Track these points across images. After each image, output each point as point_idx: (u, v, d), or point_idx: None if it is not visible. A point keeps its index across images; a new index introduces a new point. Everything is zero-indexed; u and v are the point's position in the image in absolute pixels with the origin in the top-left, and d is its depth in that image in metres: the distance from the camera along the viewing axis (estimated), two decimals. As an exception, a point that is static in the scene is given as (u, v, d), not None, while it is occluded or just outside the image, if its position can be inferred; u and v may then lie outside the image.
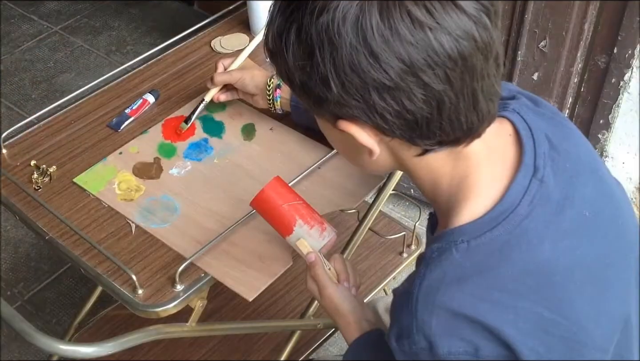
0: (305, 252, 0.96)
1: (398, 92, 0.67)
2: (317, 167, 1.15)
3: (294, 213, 0.96)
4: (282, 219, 0.96)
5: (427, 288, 0.73)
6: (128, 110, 1.26)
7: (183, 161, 1.18)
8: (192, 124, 1.24)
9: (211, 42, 1.41)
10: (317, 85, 0.69)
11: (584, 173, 0.80)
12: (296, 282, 1.56)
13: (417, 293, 0.73)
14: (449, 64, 0.66)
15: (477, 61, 0.67)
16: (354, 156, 0.80)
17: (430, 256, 0.75)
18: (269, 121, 1.25)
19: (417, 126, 0.70)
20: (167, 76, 1.35)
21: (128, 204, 1.11)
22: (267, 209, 0.97)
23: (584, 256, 0.75)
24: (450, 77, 0.67)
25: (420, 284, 0.73)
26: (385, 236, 1.61)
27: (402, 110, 0.68)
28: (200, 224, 1.08)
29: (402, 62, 0.65)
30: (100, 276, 1.02)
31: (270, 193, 0.96)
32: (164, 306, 0.99)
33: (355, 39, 0.65)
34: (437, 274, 0.73)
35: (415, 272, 0.78)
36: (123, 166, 1.17)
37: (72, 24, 2.81)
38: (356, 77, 0.67)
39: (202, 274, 1.02)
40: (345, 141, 0.76)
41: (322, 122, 0.78)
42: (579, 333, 0.73)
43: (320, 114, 0.75)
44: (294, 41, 0.69)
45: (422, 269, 0.75)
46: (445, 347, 0.72)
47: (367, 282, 1.57)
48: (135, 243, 1.06)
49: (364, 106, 0.69)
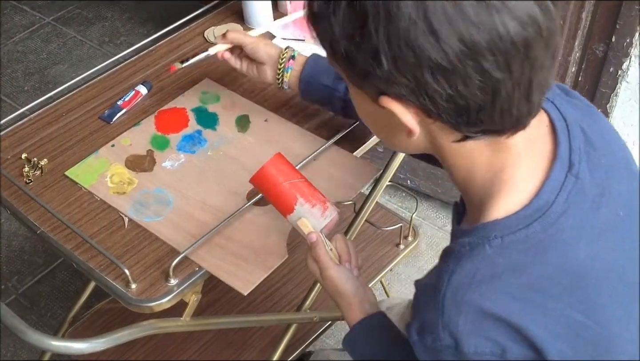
0: (307, 232, 0.94)
1: (454, 75, 0.63)
2: (312, 159, 1.14)
3: (295, 191, 0.93)
4: (283, 197, 0.93)
5: (457, 284, 0.70)
6: (120, 102, 1.24)
7: (176, 154, 1.16)
8: (185, 116, 1.22)
9: (204, 32, 1.39)
10: (365, 57, 0.65)
11: (618, 169, 0.77)
12: (292, 274, 1.54)
13: (445, 288, 0.70)
14: (512, 51, 0.62)
15: (538, 50, 0.63)
16: (388, 134, 0.77)
17: (460, 251, 0.71)
18: (263, 112, 1.23)
19: (467, 112, 0.66)
20: (159, 67, 1.32)
21: (121, 197, 1.10)
22: (267, 186, 0.93)
23: (617, 259, 0.73)
24: (511, 65, 0.63)
25: (449, 279, 0.70)
26: (382, 228, 1.60)
27: (454, 94, 0.64)
28: (194, 218, 1.07)
29: (462, 43, 0.61)
30: (93, 271, 1.01)
31: (270, 169, 0.93)
32: (157, 300, 0.97)
33: (415, 13, 0.61)
34: (467, 270, 0.70)
35: (441, 265, 0.74)
36: (115, 158, 1.16)
37: (65, 15, 2.78)
38: (411, 54, 0.62)
39: (196, 268, 1.00)
40: (382, 117, 0.72)
41: (359, 95, 0.73)
42: (608, 338, 0.71)
43: (360, 87, 0.71)
44: (345, 7, 0.64)
45: (450, 263, 0.71)
46: (472, 346, 0.69)
47: (363, 274, 1.55)
48: (128, 236, 1.05)
49: (414, 85, 0.64)
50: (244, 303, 1.49)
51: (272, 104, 1.24)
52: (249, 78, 1.29)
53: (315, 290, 1.31)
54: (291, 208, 0.93)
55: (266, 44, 1.14)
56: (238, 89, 1.27)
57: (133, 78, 1.30)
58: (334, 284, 0.94)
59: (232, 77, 1.29)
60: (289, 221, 0.95)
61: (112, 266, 1.00)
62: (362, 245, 1.61)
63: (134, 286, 0.98)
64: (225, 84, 1.28)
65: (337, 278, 0.94)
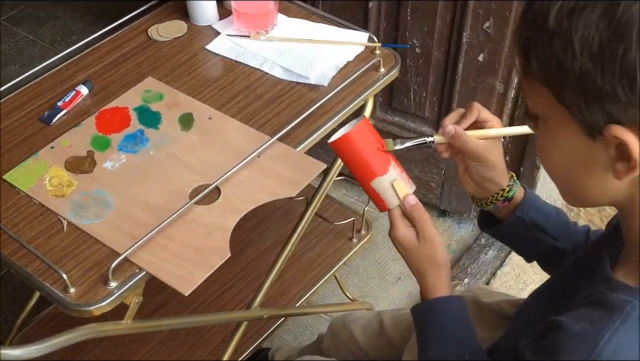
0: (402, 194, 0.89)
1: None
2: (256, 156, 1.13)
3: (388, 154, 0.89)
4: (378, 156, 0.88)
5: (618, 346, 0.64)
6: (60, 102, 1.22)
7: (118, 154, 1.15)
8: (127, 115, 1.20)
9: (148, 30, 1.37)
10: (611, 77, 0.57)
11: None
12: (244, 273, 1.54)
13: (602, 345, 0.64)
14: None
15: None
16: (584, 176, 0.67)
17: (629, 313, 0.65)
18: (207, 110, 1.22)
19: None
20: (102, 66, 1.30)
21: (60, 200, 1.08)
22: (359, 146, 0.88)
23: None
24: None
25: (610, 338, 0.64)
26: (334, 223, 1.60)
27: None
28: (135, 219, 1.05)
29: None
30: (31, 276, 0.99)
31: (364, 128, 0.88)
32: (97, 304, 0.96)
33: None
34: (634, 335, 0.64)
35: (599, 317, 0.66)
36: (55, 160, 1.14)
37: (16, 15, 2.72)
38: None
39: (137, 270, 0.99)
40: (584, 158, 0.65)
41: (566, 130, 0.64)
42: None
43: (579, 115, 0.62)
44: (596, 20, 0.57)
45: (616, 319, 0.65)
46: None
47: (317, 269, 1.56)
48: (67, 240, 1.03)
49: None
50: (196, 303, 1.48)
51: (216, 102, 1.23)
52: (193, 76, 1.28)
53: (265, 288, 1.31)
54: (385, 169, 0.89)
55: (495, 166, 0.92)
56: (181, 87, 1.26)
57: (74, 78, 1.28)
58: (434, 250, 0.88)
59: (175, 75, 1.28)
60: (377, 183, 0.89)
61: (50, 270, 0.98)
62: (315, 240, 1.61)
63: (72, 291, 0.96)
64: (169, 82, 1.27)
65: (439, 244, 0.88)
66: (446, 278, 0.89)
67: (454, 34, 1.60)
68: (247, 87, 1.26)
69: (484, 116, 0.91)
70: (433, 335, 0.87)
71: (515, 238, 1.00)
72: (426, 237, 0.88)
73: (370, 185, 0.90)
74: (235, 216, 1.05)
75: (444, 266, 0.89)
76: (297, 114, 1.19)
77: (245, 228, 1.62)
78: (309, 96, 1.24)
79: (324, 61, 1.27)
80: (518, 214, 0.95)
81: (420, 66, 1.69)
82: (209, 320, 1.34)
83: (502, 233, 0.99)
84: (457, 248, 1.93)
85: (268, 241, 1.61)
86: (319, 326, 1.76)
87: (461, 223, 1.98)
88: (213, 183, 1.08)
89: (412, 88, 1.74)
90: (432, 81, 1.70)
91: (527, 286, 1.80)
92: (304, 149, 1.16)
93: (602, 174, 0.65)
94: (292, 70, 1.26)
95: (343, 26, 1.36)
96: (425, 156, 1.84)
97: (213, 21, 1.38)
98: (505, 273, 1.82)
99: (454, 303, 0.89)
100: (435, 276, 0.89)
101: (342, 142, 0.89)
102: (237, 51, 1.31)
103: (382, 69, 1.27)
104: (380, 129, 1.85)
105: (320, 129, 1.19)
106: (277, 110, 1.21)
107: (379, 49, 1.30)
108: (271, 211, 1.65)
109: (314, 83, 1.25)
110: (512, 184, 0.95)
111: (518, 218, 0.95)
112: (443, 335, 0.87)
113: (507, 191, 0.94)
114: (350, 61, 1.29)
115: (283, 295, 1.51)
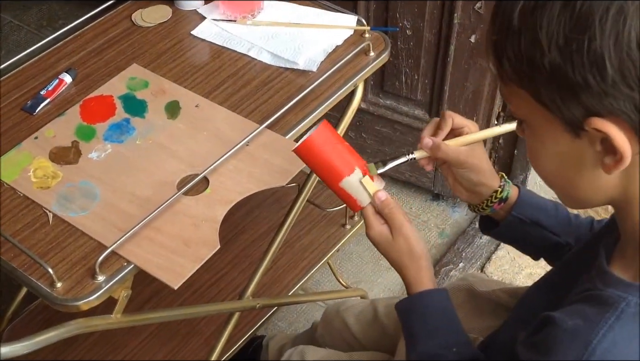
0: (373, 190, 0.88)
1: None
2: (245, 145, 1.11)
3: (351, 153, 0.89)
4: (344, 156, 0.88)
5: (611, 343, 0.63)
6: (43, 91, 1.19)
7: (103, 144, 1.12)
8: (112, 103, 1.18)
9: (132, 15, 1.34)
10: (581, 68, 0.57)
11: None
12: (237, 261, 1.52)
13: (595, 344, 0.63)
14: None
15: None
16: (570, 175, 0.66)
17: (624, 309, 0.63)
18: (194, 97, 1.19)
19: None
20: (85, 53, 1.27)
21: (44, 192, 1.05)
22: (325, 148, 0.87)
23: None
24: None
25: (603, 335, 0.63)
26: (326, 209, 1.58)
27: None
28: (122, 211, 1.03)
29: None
30: (16, 271, 0.97)
31: (327, 131, 0.88)
32: (84, 299, 0.94)
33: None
34: (627, 332, 0.63)
35: (593, 313, 0.65)
36: (39, 151, 1.11)
37: None
38: None
39: (124, 263, 0.97)
40: (570, 157, 0.64)
41: (549, 130, 0.64)
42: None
43: (558, 112, 0.62)
44: (559, 12, 0.57)
45: (609, 316, 0.63)
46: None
47: (310, 256, 1.55)
48: (53, 233, 1.01)
49: (638, 95, 0.57)
50: (188, 292, 1.46)
51: (202, 89, 1.20)
52: (179, 62, 1.25)
53: (257, 277, 1.29)
54: (352, 168, 0.88)
55: (481, 170, 0.92)
56: (167, 74, 1.23)
57: (57, 66, 1.25)
58: (408, 244, 0.87)
59: (161, 62, 1.25)
60: (346, 183, 0.88)
61: (36, 265, 0.96)
62: (308, 227, 1.59)
63: (59, 285, 0.94)
64: (154, 69, 1.24)
65: (413, 237, 0.87)
66: (427, 270, 0.88)
67: (445, 15, 1.57)
68: (234, 73, 1.23)
69: (459, 122, 0.90)
70: (418, 328, 0.86)
71: (517, 238, 0.99)
72: (399, 232, 0.87)
73: (340, 186, 0.89)
74: (224, 207, 1.03)
75: (421, 258, 0.87)
76: (286, 101, 1.16)
77: (237, 215, 1.60)
78: (297, 82, 1.21)
79: (313, 45, 1.24)
80: (515, 213, 0.94)
81: (411, 48, 1.66)
82: (201, 312, 1.32)
83: (502, 234, 0.98)
84: (452, 232, 1.91)
85: (260, 229, 1.59)
86: (313, 313, 1.75)
87: (455, 207, 1.96)
88: (201, 172, 1.06)
89: (404, 71, 1.71)
90: (423, 63, 1.68)
91: (522, 270, 1.79)
92: (293, 136, 1.14)
93: (592, 171, 0.64)
94: (280, 55, 1.23)
95: (331, 9, 1.33)
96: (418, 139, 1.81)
97: (198, 5, 1.34)
98: (500, 257, 1.81)
99: (436, 296, 0.87)
100: (415, 269, 0.87)
101: (304, 147, 0.88)
102: (223, 37, 1.29)
103: (372, 53, 1.25)
104: (372, 113, 1.83)
105: (310, 115, 1.16)
106: (265, 97, 1.19)
107: (368, 33, 1.27)
108: (263, 198, 1.63)
109: (302, 68, 1.22)
110: (504, 184, 0.93)
111: (515, 217, 0.94)
112: (428, 328, 0.86)
113: (500, 192, 0.93)
114: (339, 45, 1.26)
115: (276, 283, 1.49)
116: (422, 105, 1.77)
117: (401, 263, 0.88)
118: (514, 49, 0.61)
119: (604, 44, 0.56)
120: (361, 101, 1.31)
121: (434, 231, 1.92)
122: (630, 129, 0.59)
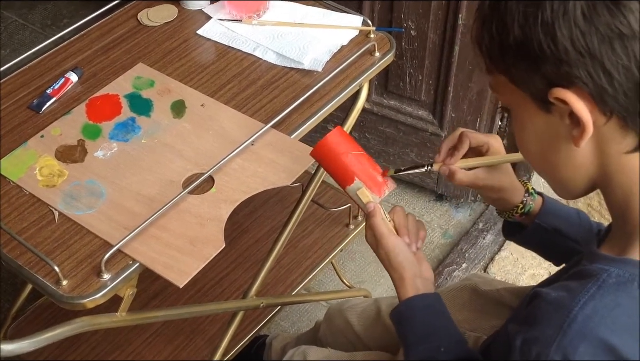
0: (365, 201, 0.92)
1: (634, 42, 0.60)
2: (250, 144, 1.11)
3: (356, 162, 0.93)
4: (343, 168, 0.92)
5: (591, 312, 0.65)
6: (50, 90, 1.20)
7: (109, 143, 1.12)
8: (118, 102, 1.18)
9: (138, 14, 1.34)
10: (538, 39, 0.63)
11: None
12: (241, 260, 1.52)
13: (577, 311, 0.65)
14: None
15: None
16: (549, 155, 0.70)
17: (605, 280, 0.66)
18: (199, 96, 1.19)
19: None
20: (91, 52, 1.28)
21: (50, 190, 1.06)
22: (329, 157, 0.93)
23: None
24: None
25: (585, 304, 0.65)
26: (330, 209, 1.59)
27: (631, 66, 0.61)
28: (127, 209, 1.03)
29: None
30: (22, 268, 0.97)
31: (332, 140, 0.93)
32: (90, 297, 0.94)
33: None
34: (607, 301, 0.65)
35: (576, 285, 0.67)
36: (45, 150, 1.11)
37: (5, -2, 2.68)
38: (587, 24, 0.61)
39: (130, 261, 0.97)
40: (545, 131, 0.68)
41: (525, 108, 0.69)
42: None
43: (529, 84, 0.67)
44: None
45: (591, 288, 0.66)
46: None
47: (313, 256, 1.55)
48: (59, 231, 1.01)
49: (589, 61, 0.62)
50: (193, 291, 1.46)
51: (208, 88, 1.21)
52: (185, 62, 1.26)
53: (261, 276, 1.29)
54: (351, 179, 0.92)
55: (513, 185, 0.95)
56: (173, 74, 1.23)
57: (63, 65, 1.26)
58: (387, 256, 0.89)
59: (166, 61, 1.26)
60: (348, 192, 0.94)
61: (42, 262, 0.97)
62: (311, 227, 1.59)
63: (65, 283, 0.95)
64: (160, 68, 1.24)
65: (391, 250, 0.89)
66: (409, 280, 0.88)
67: (450, 15, 1.57)
68: (239, 73, 1.23)
69: (479, 140, 0.92)
70: (407, 336, 0.88)
71: (538, 244, 1.01)
72: (380, 244, 0.90)
73: (346, 192, 0.95)
74: (229, 206, 1.03)
75: (400, 269, 0.89)
76: (292, 100, 1.17)
77: (241, 215, 1.60)
78: (303, 82, 1.21)
79: (318, 45, 1.25)
80: (537, 222, 0.96)
81: (415, 48, 1.66)
82: (205, 310, 1.33)
83: (524, 240, 1.00)
84: (455, 233, 1.92)
85: (264, 228, 1.59)
86: (316, 313, 1.75)
87: (458, 207, 1.96)
88: (206, 171, 1.06)
89: (408, 71, 1.71)
90: (427, 64, 1.68)
91: (525, 271, 1.79)
92: (298, 136, 1.14)
93: (567, 147, 0.68)
94: (285, 55, 1.24)
95: (337, 9, 1.33)
96: (421, 140, 1.82)
97: (204, 5, 1.35)
98: (503, 257, 1.81)
99: (419, 302, 0.88)
100: (397, 280, 0.89)
101: (315, 154, 0.94)
102: (229, 36, 1.29)
103: (377, 53, 1.25)
104: (376, 113, 1.83)
105: (315, 115, 1.17)
106: (270, 96, 1.19)
107: (373, 33, 1.28)
108: (267, 198, 1.64)
109: (307, 68, 1.23)
110: (527, 198, 0.95)
111: (537, 225, 0.96)
112: (416, 334, 0.87)
113: (521, 208, 0.95)
114: (344, 45, 1.26)
115: (280, 283, 1.50)
116: (426, 106, 1.77)
117: (387, 271, 0.91)
118: (488, 35, 0.68)
119: (554, 15, 0.62)
120: (366, 100, 1.31)
121: (437, 232, 1.92)
122: (590, 99, 0.64)
